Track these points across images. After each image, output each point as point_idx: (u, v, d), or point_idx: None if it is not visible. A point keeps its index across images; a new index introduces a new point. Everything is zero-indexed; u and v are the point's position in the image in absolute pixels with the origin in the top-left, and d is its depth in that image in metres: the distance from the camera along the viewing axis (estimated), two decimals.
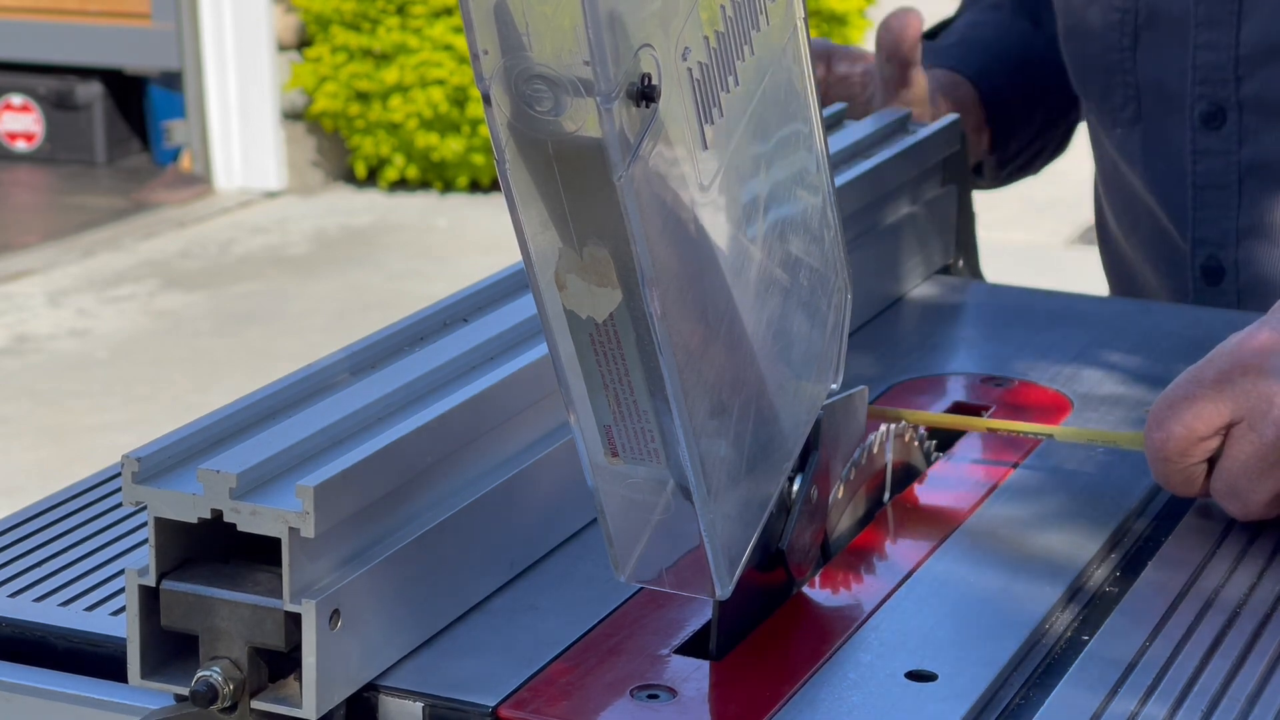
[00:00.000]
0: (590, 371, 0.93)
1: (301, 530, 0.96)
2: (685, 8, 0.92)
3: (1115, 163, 1.76)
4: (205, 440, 1.03)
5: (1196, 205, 1.68)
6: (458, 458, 1.09)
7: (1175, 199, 1.70)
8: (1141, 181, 1.73)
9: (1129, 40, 1.70)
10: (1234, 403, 1.19)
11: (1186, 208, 1.69)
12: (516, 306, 1.22)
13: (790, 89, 1.06)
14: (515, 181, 0.88)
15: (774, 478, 1.06)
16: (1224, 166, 1.67)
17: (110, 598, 1.11)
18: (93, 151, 6.86)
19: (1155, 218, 1.72)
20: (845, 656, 1.06)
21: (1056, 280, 1.76)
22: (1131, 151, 1.73)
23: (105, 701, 1.04)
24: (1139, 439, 1.25)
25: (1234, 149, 1.66)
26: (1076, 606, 1.13)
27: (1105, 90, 1.73)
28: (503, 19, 0.85)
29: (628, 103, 0.86)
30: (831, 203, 1.13)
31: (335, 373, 1.12)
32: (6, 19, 6.77)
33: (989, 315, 1.61)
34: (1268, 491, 1.19)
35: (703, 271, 0.95)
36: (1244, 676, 1.05)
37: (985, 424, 1.34)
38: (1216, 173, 1.67)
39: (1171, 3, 1.67)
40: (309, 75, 6.43)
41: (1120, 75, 1.71)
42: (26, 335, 5.23)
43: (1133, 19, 1.69)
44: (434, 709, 1.01)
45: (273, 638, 0.98)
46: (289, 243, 6.04)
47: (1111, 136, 1.74)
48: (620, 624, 1.09)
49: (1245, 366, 1.19)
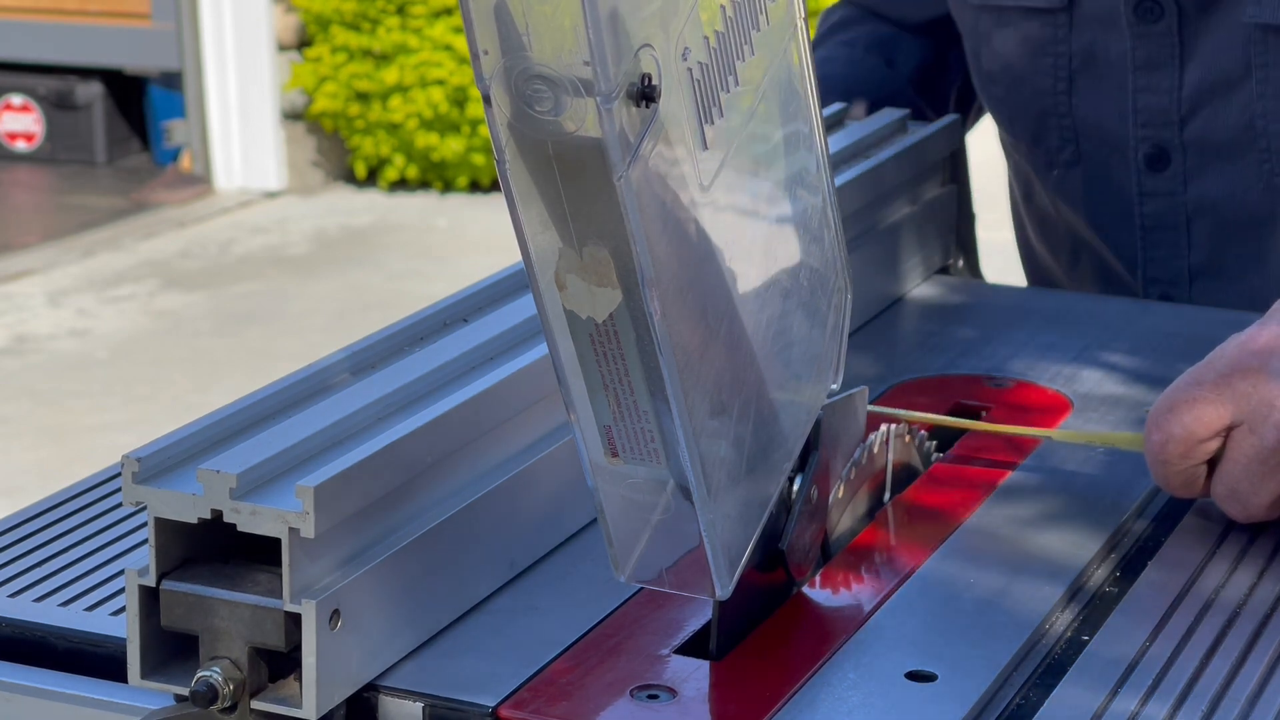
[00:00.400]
0: (590, 371, 0.93)
1: (301, 530, 0.96)
2: (685, 8, 0.92)
3: (1052, 202, 1.73)
4: (205, 440, 1.03)
5: (1146, 245, 1.66)
6: (458, 458, 1.09)
7: (1124, 240, 1.68)
8: (1085, 222, 1.70)
9: (1064, 85, 1.67)
10: (1234, 405, 1.19)
11: (1136, 248, 1.67)
12: (516, 306, 1.22)
13: (790, 89, 1.06)
14: (515, 181, 0.88)
15: (774, 478, 1.06)
16: (1171, 207, 1.65)
17: (110, 598, 1.11)
18: (93, 151, 6.86)
19: (1100, 256, 1.70)
20: (845, 656, 1.06)
21: None
22: (1072, 192, 1.70)
23: (105, 701, 1.04)
24: (1139, 440, 1.25)
25: (1179, 189, 1.64)
26: (1076, 606, 1.13)
27: (1039, 133, 1.70)
28: (503, 19, 0.85)
29: (628, 103, 0.86)
30: (831, 203, 1.13)
31: (335, 373, 1.12)
32: (6, 19, 6.77)
33: (989, 315, 1.61)
34: (1269, 494, 1.19)
35: (703, 271, 0.95)
36: (1244, 676, 1.05)
37: (985, 427, 1.34)
38: (1164, 214, 1.65)
39: (1108, 46, 1.64)
40: (309, 75, 6.43)
41: (1056, 119, 1.68)
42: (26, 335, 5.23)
43: (1066, 63, 1.66)
44: (434, 709, 1.01)
45: (273, 638, 0.98)
46: (289, 243, 6.04)
47: (1048, 178, 1.72)
48: (620, 624, 1.09)
49: (1245, 368, 1.19)
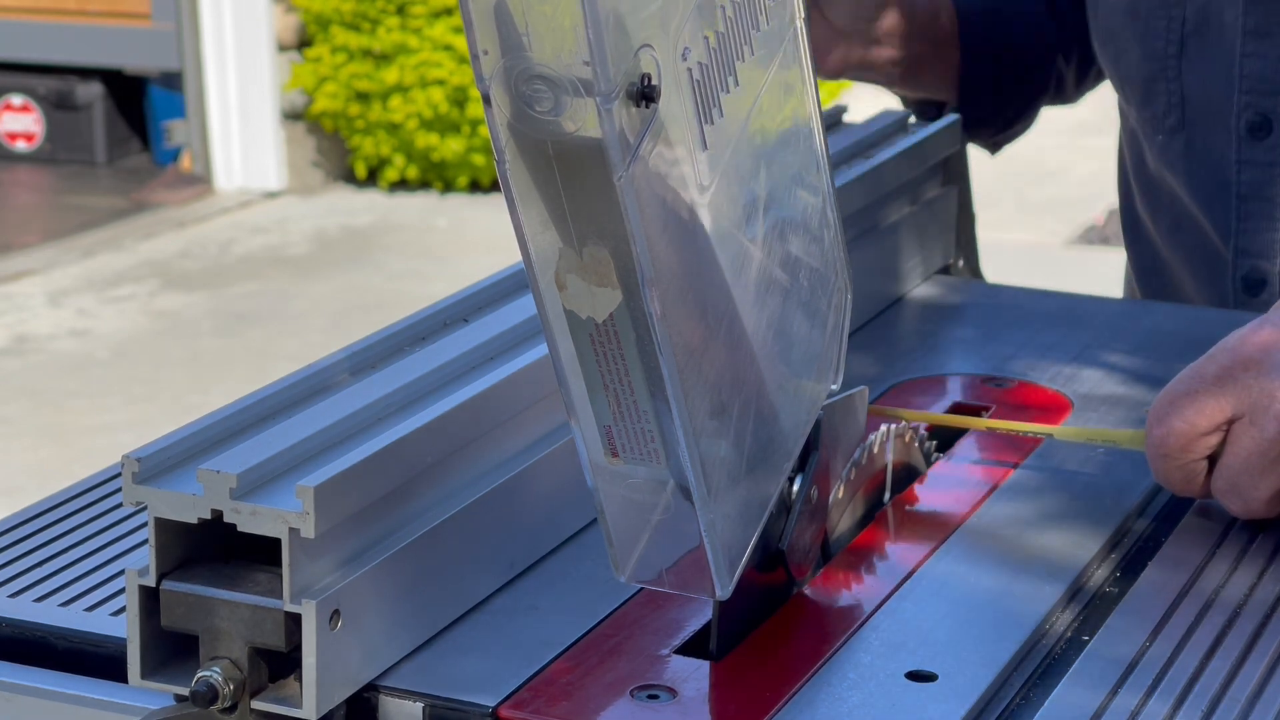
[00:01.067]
0: (590, 371, 0.93)
1: (301, 530, 0.96)
2: (685, 8, 0.92)
3: (1157, 168, 1.72)
4: (205, 440, 1.03)
5: (1240, 216, 1.65)
6: (458, 458, 1.09)
7: (1218, 208, 1.67)
8: (1184, 189, 1.69)
9: (1174, 48, 1.66)
10: (1235, 398, 1.19)
11: (1230, 218, 1.66)
12: (516, 306, 1.22)
13: (790, 89, 1.06)
14: (515, 181, 0.88)
15: (774, 478, 1.06)
16: (1269, 178, 1.64)
17: (110, 598, 1.11)
18: (93, 151, 6.86)
19: (1198, 225, 1.69)
20: (845, 656, 1.06)
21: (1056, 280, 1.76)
22: (1173, 159, 1.70)
23: (105, 701, 1.04)
24: (1139, 438, 1.25)
25: (1279, 160, 1.64)
26: (1076, 606, 1.13)
27: (1147, 97, 1.69)
28: (503, 19, 0.85)
29: (628, 103, 0.86)
30: (831, 203, 1.13)
31: (335, 373, 1.12)
32: (6, 19, 6.77)
33: (989, 315, 1.61)
34: (1269, 489, 1.19)
35: (703, 271, 0.95)
36: (1244, 676, 1.05)
37: (985, 424, 1.34)
38: (1261, 184, 1.64)
39: (1221, 10, 1.63)
40: (309, 75, 6.43)
41: (1164, 83, 1.68)
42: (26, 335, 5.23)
43: (1179, 26, 1.66)
44: (434, 709, 1.01)
45: (273, 638, 0.98)
46: (289, 243, 6.04)
47: (1153, 143, 1.71)
48: (620, 624, 1.09)
49: (1247, 362, 1.19)
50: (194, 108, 6.63)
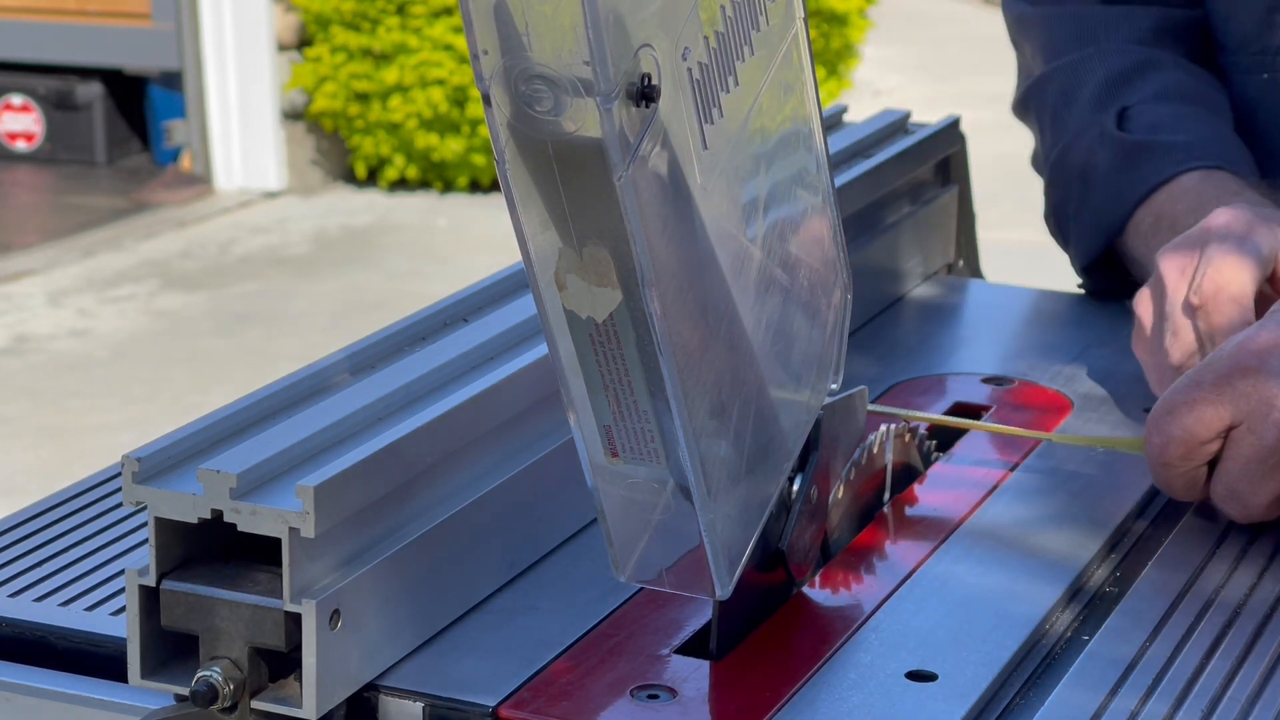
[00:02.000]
0: (590, 371, 0.93)
1: (301, 530, 0.96)
2: (685, 8, 0.92)
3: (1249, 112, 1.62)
4: (205, 440, 1.03)
5: None
6: (458, 458, 1.09)
7: None
8: None
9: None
10: (1234, 405, 1.18)
11: None
12: (516, 306, 1.22)
13: (790, 89, 1.06)
14: (515, 181, 0.88)
15: (774, 478, 1.06)
16: None
17: (110, 598, 1.11)
18: (93, 151, 6.85)
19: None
20: (845, 656, 1.06)
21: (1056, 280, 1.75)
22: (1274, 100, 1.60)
23: (105, 701, 1.04)
24: (1139, 444, 1.25)
25: None
26: (1076, 606, 1.13)
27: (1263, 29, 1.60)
28: (503, 19, 0.85)
29: (628, 103, 0.86)
30: (831, 203, 1.13)
31: (335, 373, 1.12)
32: (6, 19, 6.77)
33: (989, 315, 1.61)
34: (1268, 494, 1.19)
35: (703, 272, 0.95)
36: (1244, 676, 1.05)
37: (985, 426, 1.34)
38: None
39: None
40: (309, 75, 6.42)
41: None
42: (26, 335, 5.23)
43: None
44: (434, 709, 1.01)
45: (273, 638, 0.98)
46: (289, 243, 6.04)
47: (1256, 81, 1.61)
48: (620, 624, 1.09)
49: (1244, 369, 1.19)
50: (194, 108, 6.63)
